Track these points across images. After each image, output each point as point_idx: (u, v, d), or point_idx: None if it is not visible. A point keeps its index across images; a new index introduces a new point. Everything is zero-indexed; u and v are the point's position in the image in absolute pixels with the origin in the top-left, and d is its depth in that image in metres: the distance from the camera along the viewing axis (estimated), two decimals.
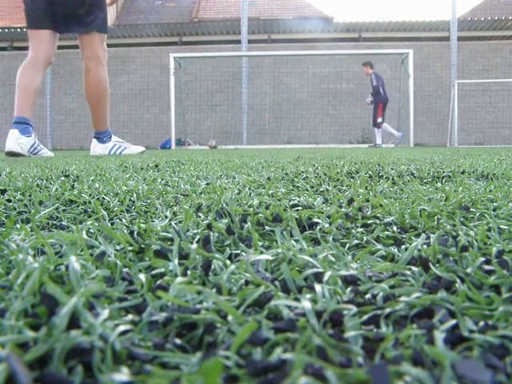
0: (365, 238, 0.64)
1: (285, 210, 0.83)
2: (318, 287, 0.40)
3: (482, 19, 13.84)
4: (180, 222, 0.74)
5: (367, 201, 0.93)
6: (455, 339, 0.33)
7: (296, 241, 0.63)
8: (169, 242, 0.61)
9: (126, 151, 4.88)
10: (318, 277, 0.45)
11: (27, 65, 4.45)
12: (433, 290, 0.42)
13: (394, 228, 0.70)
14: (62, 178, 1.51)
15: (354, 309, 0.37)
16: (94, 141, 4.80)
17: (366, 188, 1.19)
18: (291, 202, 0.91)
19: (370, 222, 0.74)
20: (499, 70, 13.36)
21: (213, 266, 0.49)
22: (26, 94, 4.50)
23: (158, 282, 0.44)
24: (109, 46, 4.21)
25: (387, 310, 0.37)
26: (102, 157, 3.97)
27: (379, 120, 10.89)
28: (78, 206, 0.93)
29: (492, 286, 0.44)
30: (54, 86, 13.68)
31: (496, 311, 0.37)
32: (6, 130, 4.14)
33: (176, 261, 0.50)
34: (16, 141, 4.12)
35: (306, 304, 0.36)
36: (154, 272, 0.48)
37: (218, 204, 0.86)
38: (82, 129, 14.30)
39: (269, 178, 1.45)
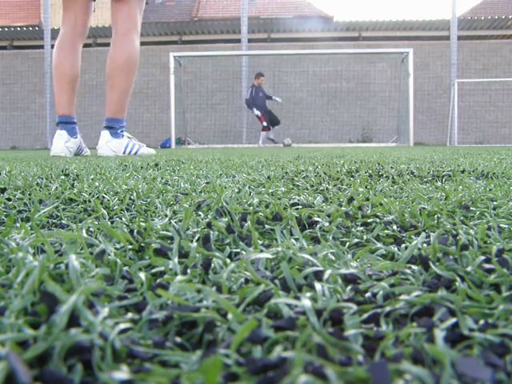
0: (365, 237, 0.64)
1: (285, 208, 0.83)
2: (317, 286, 0.40)
3: (482, 18, 13.84)
4: (180, 220, 0.74)
5: (367, 200, 0.93)
6: (455, 337, 0.33)
7: (296, 239, 0.63)
8: (169, 241, 0.61)
9: (142, 151, 3.99)
10: (318, 275, 0.45)
11: (61, 44, 3.71)
12: (433, 289, 0.42)
13: (394, 227, 0.70)
14: (62, 177, 1.51)
15: (354, 307, 0.37)
16: (106, 134, 3.83)
17: (366, 187, 1.19)
18: (291, 201, 0.91)
19: (370, 220, 0.74)
20: (499, 69, 13.36)
21: (213, 265, 0.49)
22: (69, 85, 3.73)
23: (158, 281, 0.44)
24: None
25: (387, 309, 0.37)
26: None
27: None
28: (78, 205, 0.93)
29: (492, 285, 0.44)
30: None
31: (496, 310, 0.37)
32: (6, 129, 4.09)
33: (176, 259, 0.50)
34: (64, 144, 3.70)
35: (305, 302, 0.36)
36: (153, 270, 0.48)
37: (218, 203, 0.86)
38: (81, 128, 14.25)
39: (269, 177, 1.45)
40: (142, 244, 0.58)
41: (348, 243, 0.62)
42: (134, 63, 3.65)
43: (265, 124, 11.76)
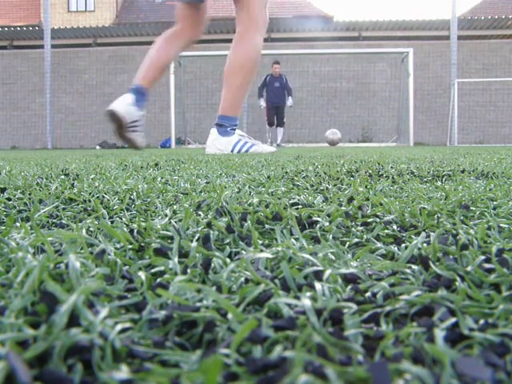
0: (365, 237, 0.64)
1: (285, 208, 0.83)
2: (317, 285, 0.40)
3: (482, 18, 13.84)
4: (180, 220, 0.74)
5: (367, 199, 0.93)
6: (455, 337, 0.33)
7: (296, 239, 0.63)
8: (169, 241, 0.61)
9: (255, 149, 3.82)
10: (318, 275, 0.45)
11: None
12: (433, 289, 0.42)
13: (394, 226, 0.70)
14: (62, 177, 1.51)
15: (354, 307, 0.37)
16: (214, 132, 3.85)
17: (366, 187, 1.19)
18: (291, 201, 0.91)
19: (369, 220, 0.74)
20: (499, 69, 13.36)
21: (213, 264, 0.49)
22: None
23: (158, 280, 0.44)
24: (109, 44, 3.96)
25: (387, 308, 0.37)
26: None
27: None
28: (78, 205, 0.93)
29: (492, 285, 0.44)
30: (54, 84, 13.67)
31: (496, 309, 0.37)
32: (6, 129, 4.08)
33: (176, 259, 0.50)
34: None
35: (305, 302, 0.36)
36: (153, 270, 0.48)
37: (218, 202, 0.86)
38: (81, 128, 14.31)
39: (269, 177, 1.45)
40: (142, 244, 0.58)
41: (348, 243, 0.62)
42: (251, 63, 3.62)
43: (266, 119, 11.43)
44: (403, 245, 0.59)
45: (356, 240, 0.63)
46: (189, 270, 0.47)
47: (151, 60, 3.91)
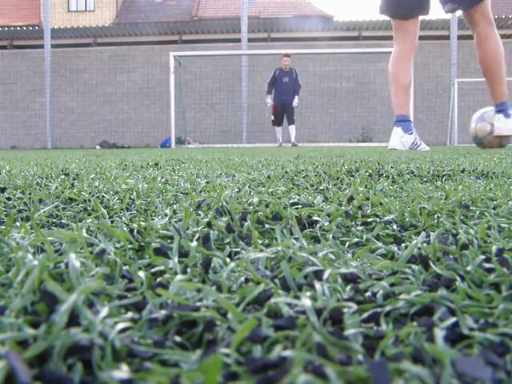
0: (365, 236, 0.64)
1: (285, 208, 0.83)
2: (317, 285, 0.40)
3: None
4: (180, 220, 0.74)
5: (367, 199, 0.93)
6: (455, 337, 0.33)
7: (296, 239, 0.63)
8: (169, 240, 0.61)
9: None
10: (318, 275, 0.45)
11: (397, 58, 4.41)
12: (433, 288, 0.42)
13: (394, 226, 0.70)
14: (62, 177, 1.51)
15: (354, 306, 0.37)
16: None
17: (366, 186, 1.19)
18: (291, 201, 0.91)
19: (369, 220, 0.74)
20: None
21: (213, 264, 0.49)
22: (402, 90, 4.46)
23: (158, 280, 0.44)
24: (109, 44, 3.98)
25: (387, 308, 0.37)
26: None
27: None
28: (78, 204, 0.93)
29: (492, 284, 0.44)
30: (54, 84, 13.67)
31: (496, 309, 0.37)
32: (6, 128, 4.07)
33: (176, 259, 0.50)
34: (400, 139, 4.17)
35: (305, 302, 0.35)
36: (153, 270, 0.48)
37: (218, 202, 0.86)
38: (81, 127, 14.31)
39: (269, 177, 1.45)
40: (142, 243, 0.58)
41: (348, 242, 0.62)
42: (501, 56, 4.10)
43: (272, 118, 10.69)
44: (403, 244, 0.59)
45: (356, 240, 0.63)
46: (189, 270, 0.47)
47: (395, 88, 4.55)
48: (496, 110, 4.38)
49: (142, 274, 0.44)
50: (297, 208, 0.83)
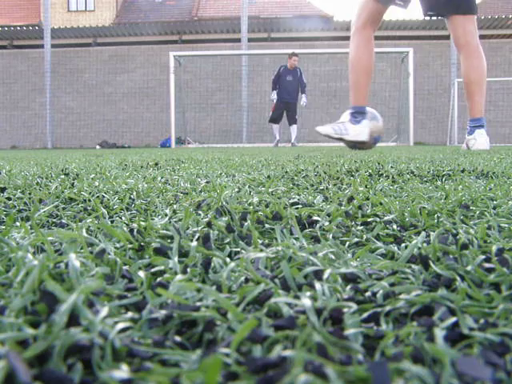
0: (365, 236, 0.64)
1: (285, 208, 0.83)
2: (317, 285, 0.40)
3: (482, 18, 13.82)
4: (180, 219, 0.74)
5: (367, 199, 0.93)
6: (455, 337, 0.33)
7: (296, 239, 0.63)
8: (169, 240, 0.61)
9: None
10: (318, 274, 0.45)
11: (363, 43, 4.37)
12: (433, 288, 0.42)
13: (394, 226, 0.70)
14: (62, 176, 1.51)
15: (354, 306, 0.37)
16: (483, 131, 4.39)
17: (366, 186, 1.19)
18: (291, 200, 0.91)
19: (369, 220, 0.74)
20: (499, 69, 13.35)
21: (213, 264, 0.49)
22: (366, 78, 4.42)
23: (158, 280, 0.44)
24: (109, 44, 3.97)
25: (387, 308, 0.37)
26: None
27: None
28: (78, 204, 0.93)
29: (492, 284, 0.44)
30: (54, 84, 13.68)
31: (496, 309, 0.37)
32: (6, 128, 4.07)
33: (176, 258, 0.50)
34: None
35: (305, 301, 0.35)
36: (153, 270, 0.48)
37: (218, 202, 0.86)
38: (81, 127, 14.31)
39: (269, 177, 1.45)
40: (142, 243, 0.58)
41: (348, 242, 0.62)
42: (477, 78, 4.16)
43: (270, 113, 10.62)
44: (403, 244, 0.59)
45: (356, 239, 0.63)
46: (189, 270, 0.47)
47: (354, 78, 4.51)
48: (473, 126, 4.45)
49: (141, 273, 0.44)
50: (297, 208, 0.83)
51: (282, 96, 10.44)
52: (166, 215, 0.79)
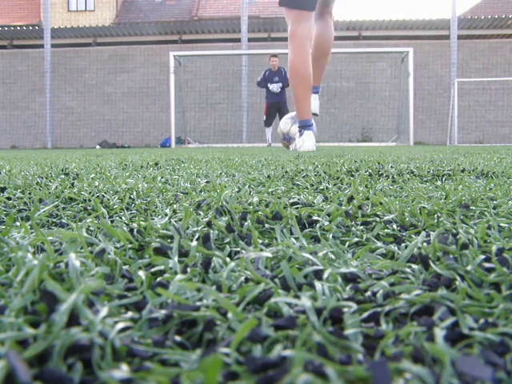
0: (365, 236, 0.64)
1: (285, 207, 0.83)
2: (317, 285, 0.40)
3: (482, 17, 13.83)
4: (180, 219, 0.74)
5: (367, 199, 0.93)
6: (455, 336, 0.33)
7: (296, 238, 0.63)
8: (169, 240, 0.61)
9: None
10: (318, 274, 0.45)
11: (306, 51, 4.43)
12: (433, 288, 0.42)
13: (394, 226, 0.70)
14: (62, 176, 1.50)
15: (354, 306, 0.37)
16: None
17: (366, 186, 1.19)
18: (291, 200, 0.91)
19: (369, 219, 0.74)
20: (499, 69, 13.36)
21: (213, 264, 0.49)
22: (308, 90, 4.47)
23: (158, 280, 0.44)
24: (109, 44, 3.96)
25: (387, 308, 0.37)
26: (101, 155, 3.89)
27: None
28: (78, 204, 0.93)
29: (492, 284, 0.44)
30: (54, 84, 13.68)
31: (496, 309, 0.37)
32: (6, 128, 4.06)
33: (176, 258, 0.50)
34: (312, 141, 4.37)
35: (305, 301, 0.35)
36: (153, 269, 0.48)
37: (218, 202, 0.86)
38: (81, 127, 14.31)
39: (269, 176, 1.45)
40: (142, 243, 0.58)
41: (348, 242, 0.62)
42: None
43: (264, 118, 10.70)
44: (403, 244, 0.59)
45: (356, 239, 0.63)
46: (189, 270, 0.47)
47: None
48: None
49: (141, 273, 0.44)
50: (297, 208, 0.83)
51: (271, 99, 10.48)
52: (166, 215, 0.79)
